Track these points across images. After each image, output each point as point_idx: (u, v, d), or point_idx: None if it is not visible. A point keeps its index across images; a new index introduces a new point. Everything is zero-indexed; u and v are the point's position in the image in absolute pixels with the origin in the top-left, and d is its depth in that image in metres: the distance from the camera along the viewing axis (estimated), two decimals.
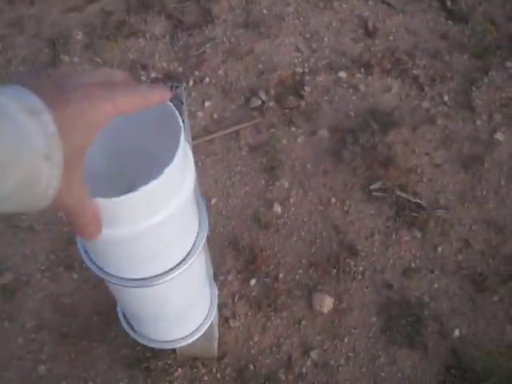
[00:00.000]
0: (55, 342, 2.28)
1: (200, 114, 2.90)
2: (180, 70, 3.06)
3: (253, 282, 2.39)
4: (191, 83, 3.00)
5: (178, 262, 1.03)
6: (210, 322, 1.48)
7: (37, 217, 2.57)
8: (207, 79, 3.01)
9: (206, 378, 2.19)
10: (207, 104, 2.93)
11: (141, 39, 3.19)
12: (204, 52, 3.11)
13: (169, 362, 2.20)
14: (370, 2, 3.23)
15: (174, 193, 0.88)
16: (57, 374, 2.22)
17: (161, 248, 0.96)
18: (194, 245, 1.05)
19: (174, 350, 2.19)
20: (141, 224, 0.86)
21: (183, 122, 1.14)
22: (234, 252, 2.47)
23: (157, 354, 2.19)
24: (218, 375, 2.20)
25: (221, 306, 2.32)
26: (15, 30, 3.28)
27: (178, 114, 0.91)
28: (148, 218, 0.86)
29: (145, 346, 2.15)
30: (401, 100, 2.87)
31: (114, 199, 0.79)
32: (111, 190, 0.87)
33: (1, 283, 2.40)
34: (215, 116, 2.89)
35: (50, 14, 3.33)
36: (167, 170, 0.83)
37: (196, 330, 1.44)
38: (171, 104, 0.93)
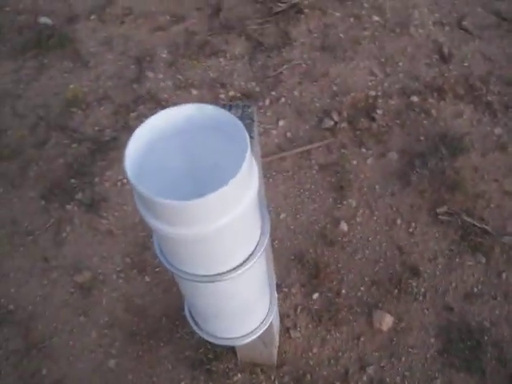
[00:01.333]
0: (125, 339, 2.43)
1: (274, 132, 3.02)
2: (257, 89, 3.19)
3: (315, 295, 2.47)
4: (267, 102, 3.12)
5: (241, 262, 1.14)
6: (268, 323, 1.58)
7: (116, 221, 2.75)
8: (283, 99, 3.13)
9: None
10: (281, 123, 3.04)
11: (221, 59, 3.35)
12: (281, 73, 3.24)
13: (230, 366, 2.31)
14: (447, 28, 3.27)
15: (238, 199, 0.99)
16: (125, 369, 2.37)
17: (225, 247, 1.08)
18: (256, 246, 1.16)
19: (235, 355, 2.30)
20: (208, 225, 0.97)
21: (252, 138, 1.26)
22: (299, 266, 2.56)
23: (218, 356, 2.30)
24: (277, 382, 2.28)
25: (283, 317, 2.42)
26: (105, 47, 3.51)
27: (245, 132, 1.02)
28: (215, 221, 0.97)
29: (207, 349, 2.29)
30: (472, 126, 2.89)
31: (188, 202, 0.91)
32: (186, 195, 0.98)
33: (79, 281, 2.58)
34: (288, 135, 3.00)
35: (138, 33, 3.55)
36: (233, 180, 0.94)
37: (255, 330, 1.54)
38: (241, 124, 1.04)
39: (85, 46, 3.51)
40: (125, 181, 2.87)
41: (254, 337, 1.56)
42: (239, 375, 2.30)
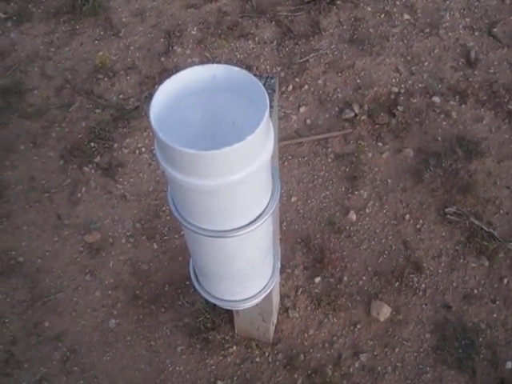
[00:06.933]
0: (128, 302, 2.49)
1: (294, 117, 3.05)
2: (282, 74, 3.22)
3: (317, 279, 2.51)
4: (290, 88, 3.16)
5: (248, 222, 1.19)
6: (269, 290, 1.62)
7: (130, 187, 2.80)
8: (306, 86, 3.17)
9: (257, 360, 2.33)
10: (302, 109, 3.08)
11: (250, 41, 3.39)
12: (307, 61, 3.27)
13: (226, 338, 2.36)
14: (476, 33, 3.28)
15: (252, 158, 1.04)
16: (124, 330, 2.43)
17: (234, 204, 1.12)
18: (264, 209, 1.21)
19: (232, 327, 2.35)
20: (220, 179, 1.02)
21: (272, 107, 1.31)
22: (305, 249, 2.60)
23: (216, 327, 2.35)
24: (270, 359, 2.33)
25: (283, 297, 2.46)
26: (137, 19, 3.56)
27: (266, 94, 1.06)
28: (228, 175, 1.02)
29: (206, 318, 2.35)
30: (491, 132, 2.91)
31: (204, 152, 0.96)
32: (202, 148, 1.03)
33: (89, 241, 2.64)
34: (308, 121, 3.03)
35: (171, 8, 3.59)
36: (249, 137, 0.98)
37: (256, 295, 1.59)
38: (262, 86, 1.09)
39: (117, 16, 3.56)
40: (143, 149, 2.93)
41: (255, 302, 1.61)
42: (235, 347, 2.35)
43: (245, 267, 1.41)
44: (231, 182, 1.04)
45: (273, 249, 1.56)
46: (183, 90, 1.13)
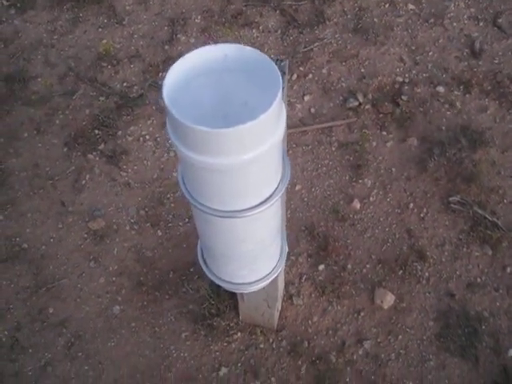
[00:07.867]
0: (132, 288, 2.50)
1: (298, 106, 3.05)
2: None
3: (321, 267, 2.52)
4: (295, 77, 3.16)
5: (258, 203, 1.19)
6: (276, 273, 1.63)
7: (134, 175, 2.81)
8: (310, 75, 3.16)
9: (262, 346, 2.34)
10: (307, 98, 3.08)
11: (254, 30, 3.38)
12: (311, 50, 3.26)
13: (231, 325, 2.36)
14: (481, 24, 3.28)
15: (265, 137, 1.04)
16: (128, 316, 2.44)
17: (245, 184, 1.13)
18: (274, 191, 1.21)
19: (237, 314, 2.36)
20: (233, 157, 1.03)
21: (283, 88, 1.31)
22: (309, 237, 2.61)
23: (221, 313, 2.36)
24: (274, 345, 2.34)
25: (288, 284, 2.47)
26: (141, 7, 3.55)
27: (279, 73, 1.06)
28: (241, 154, 1.02)
29: (211, 304, 2.35)
30: (495, 122, 2.91)
31: (218, 130, 0.96)
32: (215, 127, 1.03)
33: (93, 228, 2.65)
34: (312, 110, 3.03)
35: None
36: (263, 115, 0.98)
37: (263, 278, 1.60)
38: (275, 65, 1.09)
39: (121, 4, 3.55)
40: (147, 137, 2.93)
41: (261, 285, 1.62)
42: (239, 334, 2.36)
43: (253, 249, 1.41)
44: (244, 161, 1.04)
45: (281, 232, 1.57)
46: (194, 71, 1.13)
